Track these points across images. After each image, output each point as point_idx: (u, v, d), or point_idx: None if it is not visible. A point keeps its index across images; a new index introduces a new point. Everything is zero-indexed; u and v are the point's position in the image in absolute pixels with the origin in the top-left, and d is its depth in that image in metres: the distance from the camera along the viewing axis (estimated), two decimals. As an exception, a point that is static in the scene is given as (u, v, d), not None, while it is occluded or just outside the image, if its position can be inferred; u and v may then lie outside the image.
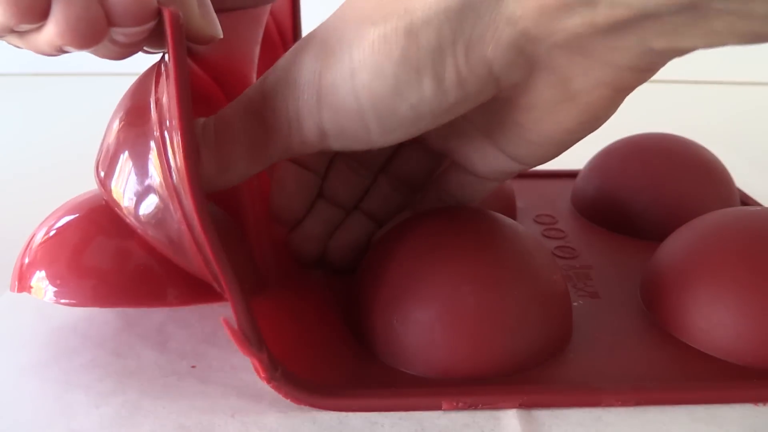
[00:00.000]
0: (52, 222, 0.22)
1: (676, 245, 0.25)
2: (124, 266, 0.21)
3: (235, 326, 0.18)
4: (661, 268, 0.25)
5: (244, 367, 0.22)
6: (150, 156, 0.19)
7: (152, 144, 0.19)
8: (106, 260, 0.21)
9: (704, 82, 0.69)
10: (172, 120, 0.18)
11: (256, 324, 0.19)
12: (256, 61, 0.26)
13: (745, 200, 0.34)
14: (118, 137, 0.20)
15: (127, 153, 0.20)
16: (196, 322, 0.25)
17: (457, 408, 0.20)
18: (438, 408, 0.20)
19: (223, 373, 0.22)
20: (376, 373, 0.21)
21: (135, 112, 0.20)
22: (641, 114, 0.35)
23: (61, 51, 0.17)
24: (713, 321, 0.22)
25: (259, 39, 0.26)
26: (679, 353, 0.22)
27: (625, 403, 0.20)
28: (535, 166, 0.23)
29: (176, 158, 0.18)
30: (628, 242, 0.31)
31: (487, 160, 0.23)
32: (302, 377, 0.20)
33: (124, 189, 0.20)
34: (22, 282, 0.21)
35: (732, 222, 0.24)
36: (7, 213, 0.36)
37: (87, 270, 0.21)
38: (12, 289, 0.22)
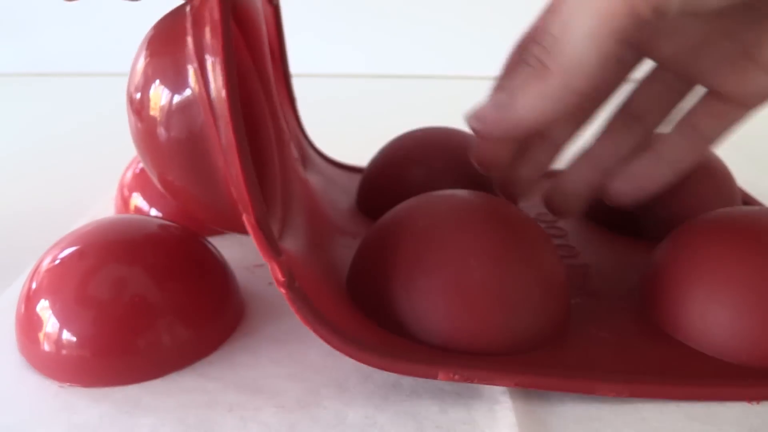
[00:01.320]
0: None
1: (675, 244, 0.25)
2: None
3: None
4: (660, 266, 0.25)
5: (243, 364, 0.22)
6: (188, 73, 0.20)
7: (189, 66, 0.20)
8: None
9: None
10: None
11: (273, 233, 0.19)
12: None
13: (747, 200, 0.34)
14: (150, 62, 0.21)
15: (162, 75, 0.20)
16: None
17: (452, 379, 0.20)
18: (434, 377, 0.20)
19: (223, 369, 0.22)
20: (374, 338, 0.21)
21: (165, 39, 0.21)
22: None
23: None
24: (709, 320, 0.22)
25: None
26: (676, 352, 0.22)
27: (619, 394, 0.20)
28: None
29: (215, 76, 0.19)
30: (628, 242, 0.31)
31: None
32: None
33: (159, 104, 0.20)
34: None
35: (732, 221, 0.24)
36: (7, 213, 0.36)
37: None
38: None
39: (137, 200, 0.31)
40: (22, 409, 0.20)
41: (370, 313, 0.22)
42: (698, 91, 0.25)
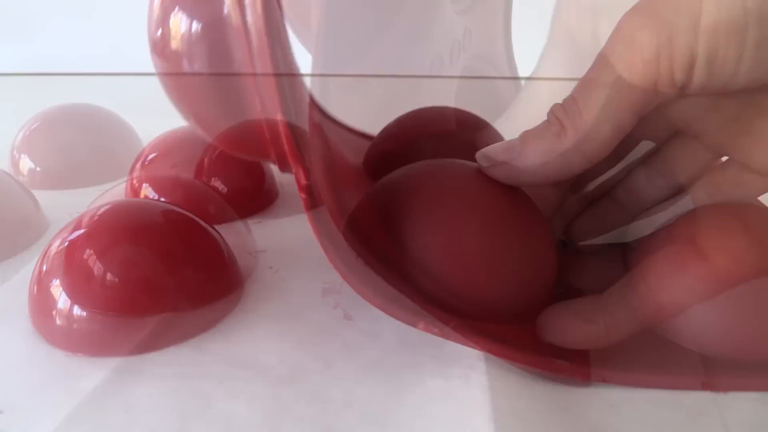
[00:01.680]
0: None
1: (658, 238, 0.26)
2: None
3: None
4: (641, 259, 0.25)
5: (238, 340, 0.24)
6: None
7: None
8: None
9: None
10: None
11: (301, 137, 0.19)
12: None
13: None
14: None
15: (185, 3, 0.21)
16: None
17: (431, 332, 0.20)
18: (414, 325, 0.21)
19: (219, 345, 0.23)
20: (370, 274, 0.22)
21: None
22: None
23: None
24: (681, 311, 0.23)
25: None
26: (650, 342, 0.23)
27: (585, 377, 0.21)
28: None
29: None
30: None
31: None
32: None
33: (183, 29, 0.21)
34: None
35: (720, 216, 0.25)
36: (14, 208, 0.37)
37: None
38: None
39: (147, 191, 0.33)
40: (30, 375, 0.22)
41: (365, 258, 0.23)
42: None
